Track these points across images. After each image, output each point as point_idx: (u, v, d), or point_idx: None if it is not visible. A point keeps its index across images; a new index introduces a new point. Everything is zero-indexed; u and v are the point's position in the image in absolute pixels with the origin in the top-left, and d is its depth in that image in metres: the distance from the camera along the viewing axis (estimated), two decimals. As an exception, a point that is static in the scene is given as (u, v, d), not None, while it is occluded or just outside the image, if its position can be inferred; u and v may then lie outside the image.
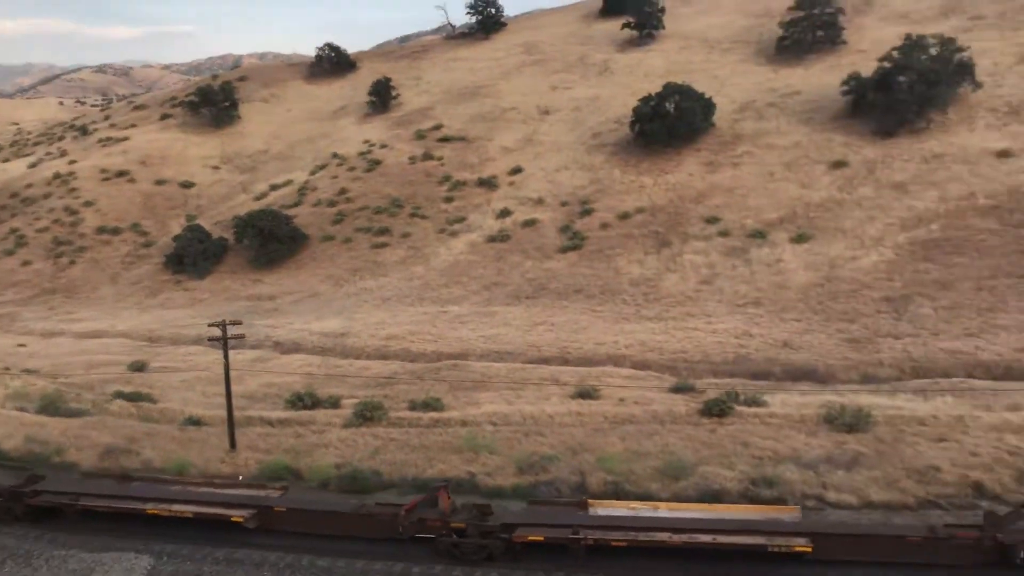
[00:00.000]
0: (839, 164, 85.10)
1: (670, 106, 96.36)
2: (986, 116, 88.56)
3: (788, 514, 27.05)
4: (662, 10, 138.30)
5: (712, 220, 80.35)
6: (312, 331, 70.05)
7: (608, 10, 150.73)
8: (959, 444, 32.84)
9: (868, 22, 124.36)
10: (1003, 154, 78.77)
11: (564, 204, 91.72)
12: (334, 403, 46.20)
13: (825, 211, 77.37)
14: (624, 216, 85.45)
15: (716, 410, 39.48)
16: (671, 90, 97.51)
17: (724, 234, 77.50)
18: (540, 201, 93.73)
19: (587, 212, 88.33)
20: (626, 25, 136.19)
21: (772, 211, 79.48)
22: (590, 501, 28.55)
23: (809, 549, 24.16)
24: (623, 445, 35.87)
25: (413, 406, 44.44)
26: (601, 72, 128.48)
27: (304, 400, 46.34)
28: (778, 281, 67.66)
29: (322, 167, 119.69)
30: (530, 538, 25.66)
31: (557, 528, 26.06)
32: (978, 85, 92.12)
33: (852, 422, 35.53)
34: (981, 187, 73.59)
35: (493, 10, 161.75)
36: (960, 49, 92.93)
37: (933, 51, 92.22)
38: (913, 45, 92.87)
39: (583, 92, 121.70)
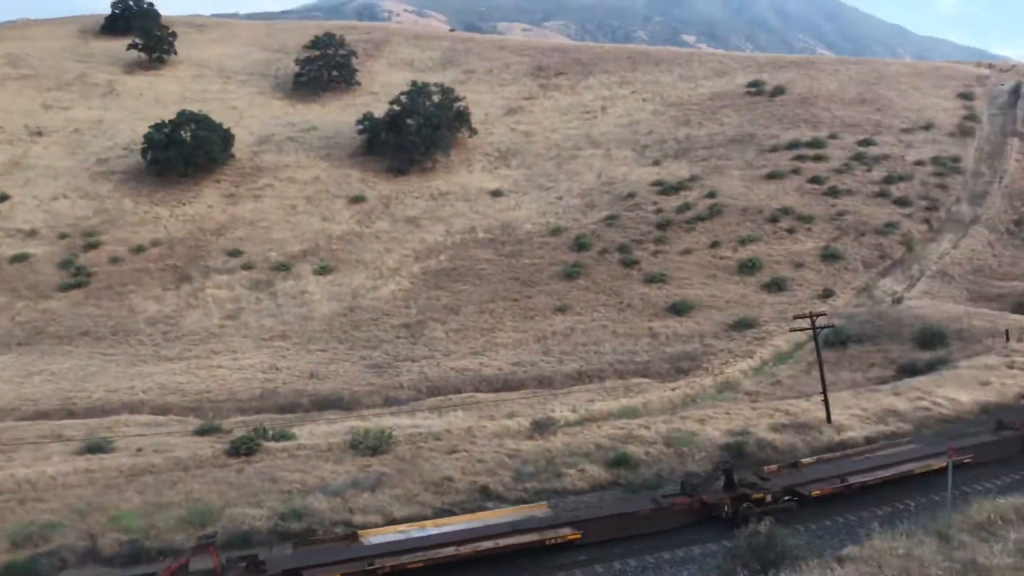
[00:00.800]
0: (358, 199, 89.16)
1: (186, 134, 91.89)
2: (481, 159, 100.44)
3: (540, 511, 29.17)
4: (173, 35, 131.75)
5: (235, 253, 78.17)
6: None
7: (111, 28, 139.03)
8: (468, 453, 35.89)
9: (379, 66, 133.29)
10: (496, 193, 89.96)
11: (64, 236, 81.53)
12: None
13: (346, 243, 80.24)
14: (138, 249, 78.87)
15: (243, 449, 37.84)
16: (187, 118, 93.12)
17: (248, 267, 75.85)
18: (33, 233, 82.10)
19: (93, 245, 79.65)
20: (132, 46, 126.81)
21: (296, 244, 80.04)
22: (360, 532, 27.97)
23: (579, 536, 26.68)
24: (141, 499, 32.41)
25: None
26: (106, 94, 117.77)
27: None
28: (304, 313, 68.10)
29: None
30: None
31: (350, 563, 25.22)
32: (474, 131, 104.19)
33: (376, 445, 36.73)
34: (480, 222, 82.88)
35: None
36: (458, 98, 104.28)
37: (436, 98, 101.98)
38: (419, 91, 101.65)
39: (84, 114, 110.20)
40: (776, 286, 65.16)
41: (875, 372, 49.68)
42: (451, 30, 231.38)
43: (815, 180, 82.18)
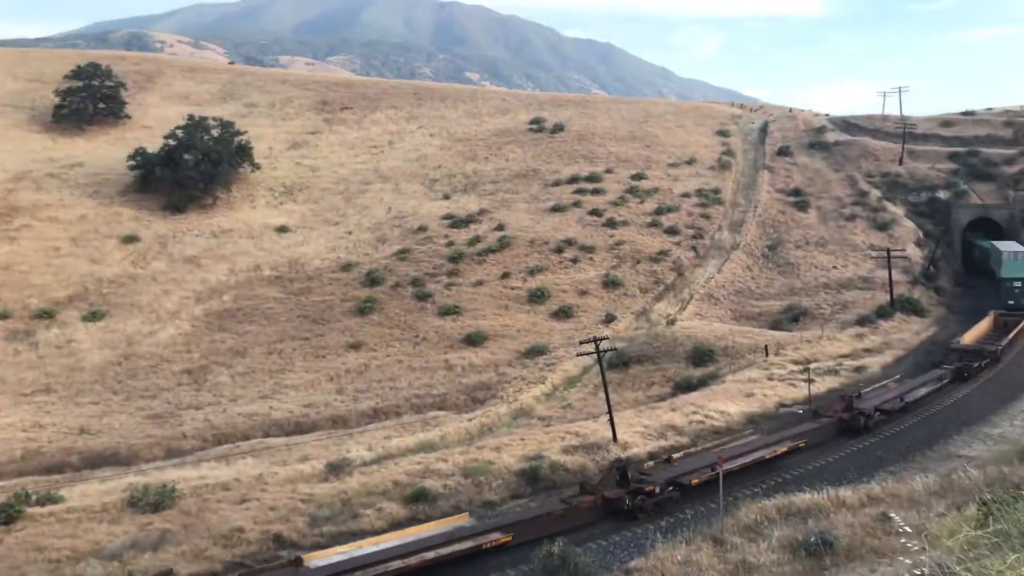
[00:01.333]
0: (131, 239, 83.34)
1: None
2: (265, 195, 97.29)
3: (464, 520, 30.78)
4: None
5: (-14, 301, 70.37)
6: None
7: None
8: (259, 502, 34.24)
9: (152, 100, 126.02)
10: (282, 229, 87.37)
11: None
12: None
13: (119, 287, 74.62)
14: None
15: (2, 517, 33.91)
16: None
17: (4, 316, 68.52)
18: None
19: None
20: None
21: (60, 289, 73.35)
22: (303, 556, 27.54)
23: (510, 538, 28.45)
24: None
25: None
26: None
27: None
28: (71, 363, 62.39)
29: None
30: None
31: None
32: (256, 166, 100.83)
33: (157, 501, 34.16)
34: (265, 259, 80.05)
35: None
36: (239, 132, 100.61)
37: (215, 132, 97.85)
38: (196, 125, 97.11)
39: None
40: (564, 313, 67.95)
41: (655, 390, 52.95)
42: (230, 63, 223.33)
43: (595, 212, 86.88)
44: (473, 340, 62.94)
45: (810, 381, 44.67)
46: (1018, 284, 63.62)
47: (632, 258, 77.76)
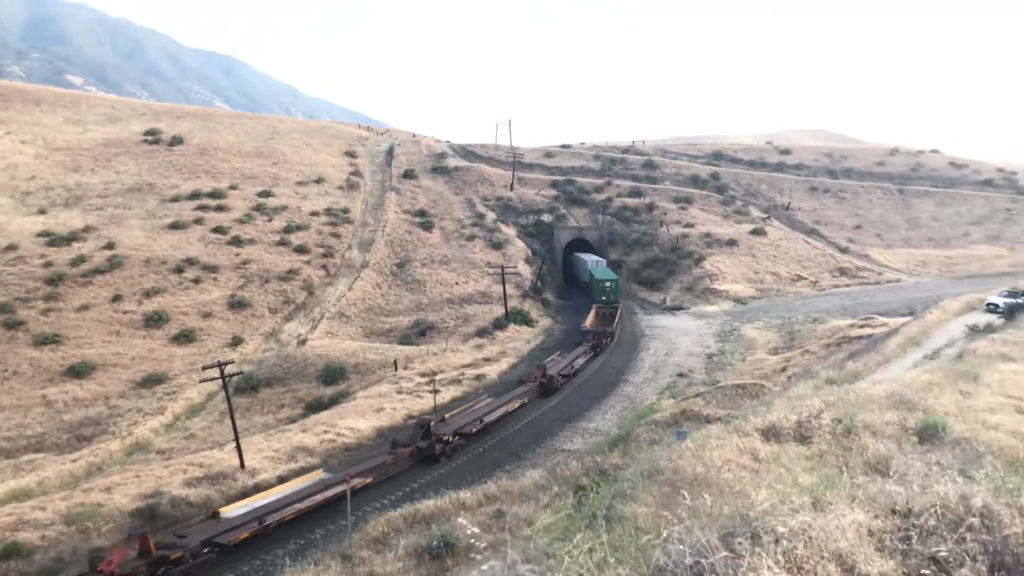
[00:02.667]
0: None
1: None
2: None
3: (322, 475, 36.14)
4: None
5: None
6: None
7: None
8: None
9: None
10: None
11: None
12: None
13: None
14: None
15: None
16: None
17: None
18: None
19: None
20: None
21: None
22: (219, 510, 31.17)
23: (370, 480, 35.01)
24: None
25: None
26: None
27: None
28: None
29: None
30: (242, 536, 29.07)
31: (247, 525, 29.68)
32: None
33: None
34: None
35: None
36: None
37: None
38: None
39: None
40: (185, 338, 63.70)
41: (286, 412, 51.78)
42: None
43: (219, 230, 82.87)
44: (78, 371, 56.28)
45: (435, 392, 46.82)
46: (606, 284, 78.46)
47: (260, 277, 75.44)
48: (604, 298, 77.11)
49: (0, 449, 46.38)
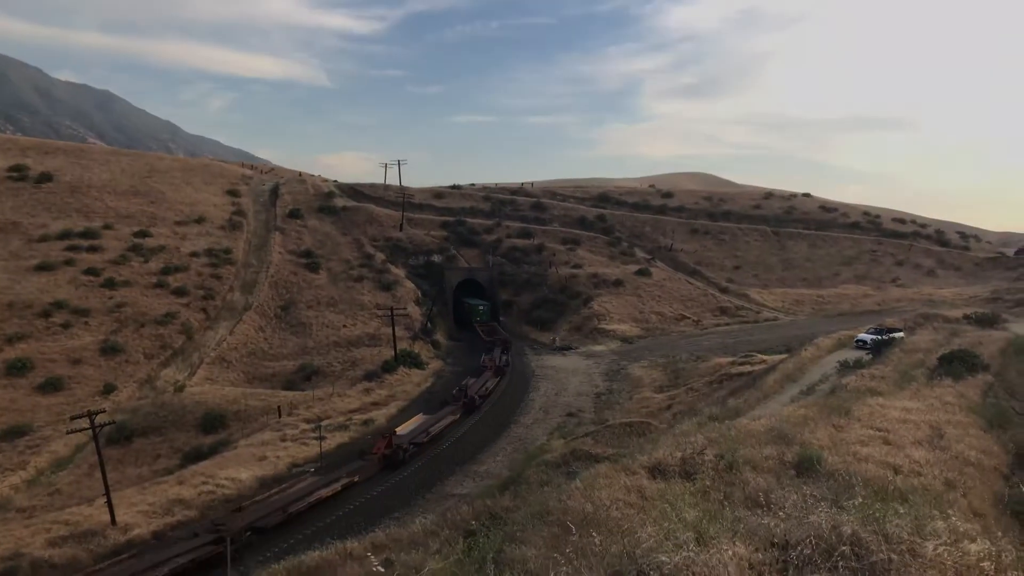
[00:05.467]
0: None
1: None
2: None
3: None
4: None
5: None
6: None
7: None
8: None
9: None
10: None
11: None
12: None
13: None
14: None
15: None
16: None
17: None
18: None
19: None
20: None
21: None
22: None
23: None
24: None
25: None
26: None
27: None
28: None
29: None
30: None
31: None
32: None
33: None
34: None
35: None
36: None
37: None
38: None
39: None
40: (52, 386, 59.93)
41: (162, 463, 49.26)
42: None
43: (91, 272, 78.83)
44: (-72, 425, 52.05)
45: (321, 439, 45.56)
46: (479, 307, 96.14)
47: (135, 321, 71.99)
48: (478, 318, 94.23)
49: None
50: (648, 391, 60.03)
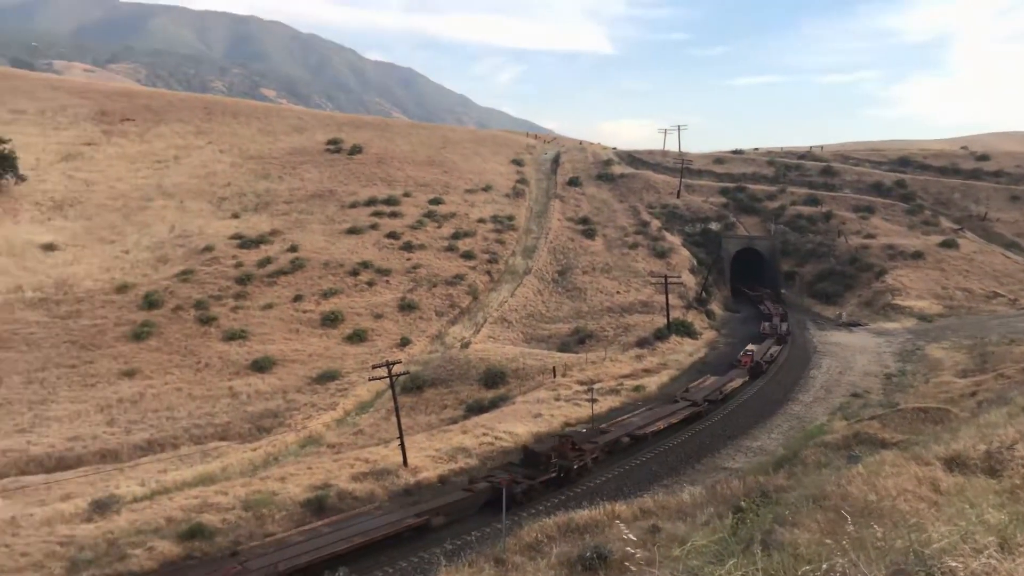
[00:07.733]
0: None
1: None
2: (31, 209, 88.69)
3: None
4: None
5: None
6: None
7: None
8: (10, 548, 30.71)
9: None
10: (49, 247, 79.84)
11: None
12: None
13: None
14: None
15: None
16: None
17: None
18: None
19: None
20: None
21: None
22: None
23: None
24: None
25: None
26: None
27: None
28: None
29: None
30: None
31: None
32: (22, 178, 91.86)
33: None
34: (28, 279, 72.76)
35: None
36: (2, 141, 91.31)
37: None
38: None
39: None
40: (358, 337, 66.80)
41: (448, 413, 53.11)
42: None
43: (392, 235, 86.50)
44: (260, 366, 60.31)
45: (593, 401, 46.53)
46: None
47: (428, 282, 77.99)
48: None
49: (191, 436, 50.33)
50: (948, 375, 54.32)
